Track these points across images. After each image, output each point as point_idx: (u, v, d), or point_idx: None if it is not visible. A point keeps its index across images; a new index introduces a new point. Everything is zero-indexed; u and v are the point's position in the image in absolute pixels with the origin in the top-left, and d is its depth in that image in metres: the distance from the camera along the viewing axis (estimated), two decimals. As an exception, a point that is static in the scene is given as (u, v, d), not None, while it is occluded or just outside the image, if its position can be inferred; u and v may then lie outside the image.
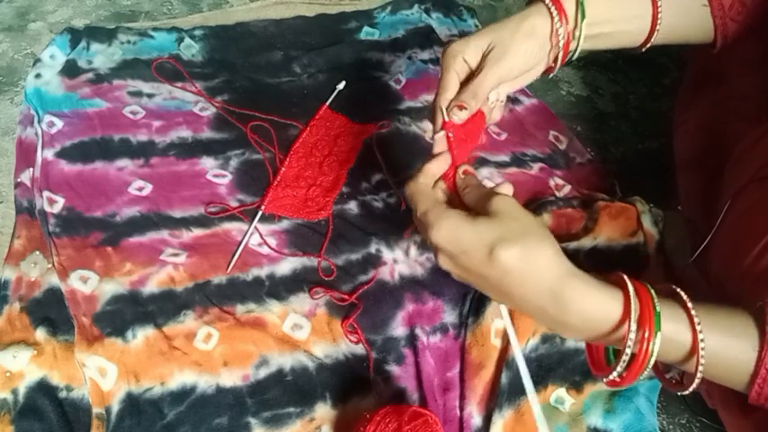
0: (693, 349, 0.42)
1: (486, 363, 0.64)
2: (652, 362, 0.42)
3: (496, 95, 0.59)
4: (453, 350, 0.66)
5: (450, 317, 0.68)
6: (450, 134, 0.52)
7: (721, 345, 0.42)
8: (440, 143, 0.53)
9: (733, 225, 0.57)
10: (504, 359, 0.64)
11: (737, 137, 0.64)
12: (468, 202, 0.48)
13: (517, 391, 0.63)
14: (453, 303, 0.69)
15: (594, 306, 0.42)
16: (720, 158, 0.65)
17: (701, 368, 0.42)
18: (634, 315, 0.41)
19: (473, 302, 0.68)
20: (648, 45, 0.60)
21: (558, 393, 0.64)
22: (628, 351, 0.42)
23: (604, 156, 0.90)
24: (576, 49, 0.58)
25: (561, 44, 0.56)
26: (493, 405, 0.62)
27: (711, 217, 0.60)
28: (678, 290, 0.44)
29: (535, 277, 0.42)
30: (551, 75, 0.61)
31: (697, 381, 0.43)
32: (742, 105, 0.67)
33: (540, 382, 0.64)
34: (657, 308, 0.42)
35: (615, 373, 0.43)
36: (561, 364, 0.65)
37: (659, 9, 0.58)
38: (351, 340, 0.65)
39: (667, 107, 0.94)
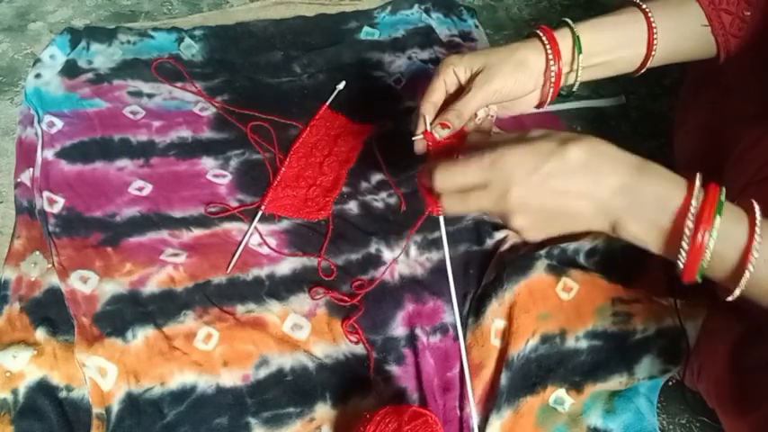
0: (748, 247, 0.42)
1: (486, 363, 0.64)
2: (711, 245, 0.42)
3: (485, 112, 0.61)
4: (453, 350, 0.66)
5: (450, 317, 0.68)
6: (429, 142, 0.56)
7: None
8: (419, 144, 0.57)
9: None
10: (504, 359, 0.64)
11: (737, 137, 0.64)
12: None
13: (516, 391, 0.63)
14: (453, 303, 0.69)
15: (667, 184, 0.44)
16: (720, 158, 0.65)
17: (750, 267, 0.42)
18: (698, 194, 0.43)
19: (473, 302, 0.68)
20: (645, 69, 0.63)
21: (558, 394, 0.64)
22: (690, 224, 0.42)
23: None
24: (575, 83, 0.61)
25: (552, 80, 0.59)
26: (491, 406, 0.62)
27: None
28: (753, 201, 0.45)
29: (610, 163, 0.44)
30: (543, 108, 0.64)
31: (745, 280, 0.43)
32: (742, 106, 0.67)
33: (539, 382, 0.64)
34: (722, 197, 0.43)
35: (680, 259, 0.43)
36: (561, 365, 0.65)
37: (655, 33, 0.60)
38: (351, 341, 0.65)
39: (667, 107, 0.94)
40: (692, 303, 0.65)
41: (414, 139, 0.57)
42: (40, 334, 0.61)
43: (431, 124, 0.57)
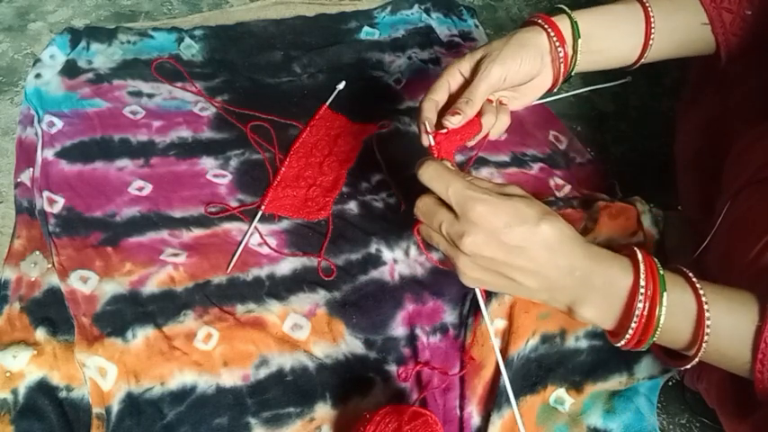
0: (700, 317, 0.44)
1: (486, 363, 0.64)
2: (662, 320, 0.44)
3: (497, 99, 0.60)
4: (453, 350, 0.66)
5: (450, 317, 0.68)
6: (433, 141, 0.55)
7: (725, 310, 0.45)
8: (425, 140, 0.56)
9: (732, 225, 0.57)
10: (505, 359, 0.64)
11: (737, 137, 0.64)
12: None
13: (517, 391, 0.63)
14: (453, 303, 0.69)
15: (614, 265, 0.46)
16: (720, 158, 0.65)
17: (707, 333, 0.44)
18: (643, 274, 0.45)
19: (473, 302, 0.68)
20: (640, 63, 0.62)
21: (558, 393, 0.64)
22: (639, 305, 0.44)
23: (604, 156, 0.90)
24: (572, 67, 0.60)
25: (561, 59, 0.58)
26: (492, 405, 0.62)
27: (711, 217, 0.60)
28: (682, 268, 0.47)
29: (568, 246, 0.45)
30: (554, 90, 0.62)
31: (702, 350, 0.45)
32: (742, 105, 0.67)
33: (539, 382, 0.64)
34: (661, 271, 0.45)
35: (629, 333, 0.45)
36: (561, 365, 0.65)
37: (652, 26, 0.59)
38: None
39: (667, 107, 0.94)
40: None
41: (423, 139, 0.56)
42: (40, 334, 0.61)
43: (438, 119, 0.56)
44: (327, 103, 0.86)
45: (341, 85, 0.89)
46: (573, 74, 0.61)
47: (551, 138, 0.88)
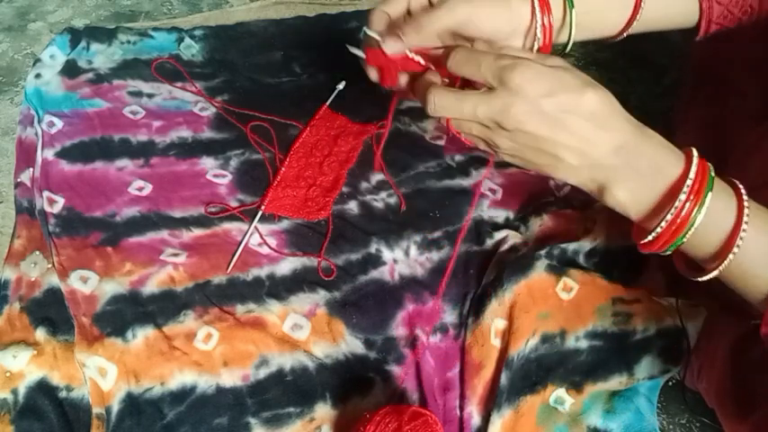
0: (735, 228, 0.42)
1: (486, 363, 0.64)
2: (698, 221, 0.42)
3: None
4: (453, 350, 0.66)
5: (450, 317, 0.68)
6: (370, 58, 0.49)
7: (762, 230, 0.43)
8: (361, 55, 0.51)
9: None
10: (504, 359, 0.64)
11: (738, 136, 0.64)
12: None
13: (517, 391, 0.63)
14: (453, 303, 0.69)
15: (665, 152, 0.43)
16: (720, 158, 0.65)
17: (737, 245, 0.42)
18: (695, 168, 0.42)
19: (473, 302, 0.68)
20: (626, 33, 0.59)
21: (558, 393, 0.64)
22: (682, 197, 0.42)
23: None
24: (569, 41, 0.56)
25: (539, 33, 0.53)
26: (492, 405, 0.62)
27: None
28: (735, 180, 0.45)
29: (616, 120, 0.43)
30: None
31: (726, 262, 0.43)
32: (742, 105, 0.67)
33: (539, 382, 0.64)
34: (712, 173, 0.43)
35: (661, 226, 0.43)
36: (561, 364, 0.65)
37: None
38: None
39: (667, 107, 0.94)
40: (692, 303, 0.65)
41: (351, 49, 0.50)
42: (40, 334, 0.61)
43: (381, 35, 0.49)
44: (327, 103, 0.86)
45: (341, 85, 0.89)
46: (569, 48, 0.57)
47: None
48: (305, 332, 0.66)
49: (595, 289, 0.68)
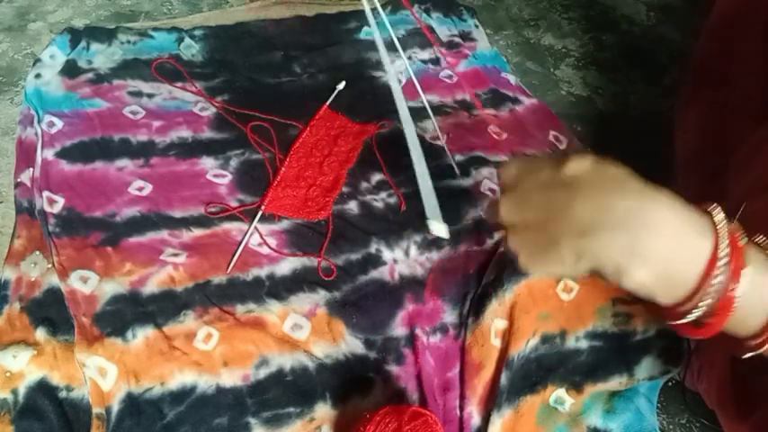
0: None
1: (486, 363, 0.64)
2: (739, 296, 0.35)
3: None
4: (453, 350, 0.66)
5: (450, 317, 0.68)
6: None
7: None
8: None
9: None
10: (504, 359, 0.64)
11: (737, 137, 0.64)
12: None
13: (517, 391, 0.63)
14: (453, 303, 0.69)
15: (686, 221, 0.35)
16: (720, 158, 0.65)
17: None
18: (723, 235, 0.35)
19: (473, 302, 0.68)
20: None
21: (558, 394, 0.64)
22: (716, 280, 0.35)
23: (604, 156, 0.90)
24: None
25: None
26: (492, 405, 0.62)
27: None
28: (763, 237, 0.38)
29: (612, 185, 0.38)
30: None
31: None
32: (742, 105, 0.67)
33: (539, 382, 0.64)
34: (743, 240, 0.36)
35: (696, 313, 0.36)
36: (561, 365, 0.65)
37: None
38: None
39: (667, 107, 0.94)
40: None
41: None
42: (40, 334, 0.61)
43: None
44: (327, 103, 0.86)
45: (341, 85, 0.89)
46: None
47: (551, 138, 0.88)
48: (305, 332, 0.66)
49: (595, 289, 0.68)
